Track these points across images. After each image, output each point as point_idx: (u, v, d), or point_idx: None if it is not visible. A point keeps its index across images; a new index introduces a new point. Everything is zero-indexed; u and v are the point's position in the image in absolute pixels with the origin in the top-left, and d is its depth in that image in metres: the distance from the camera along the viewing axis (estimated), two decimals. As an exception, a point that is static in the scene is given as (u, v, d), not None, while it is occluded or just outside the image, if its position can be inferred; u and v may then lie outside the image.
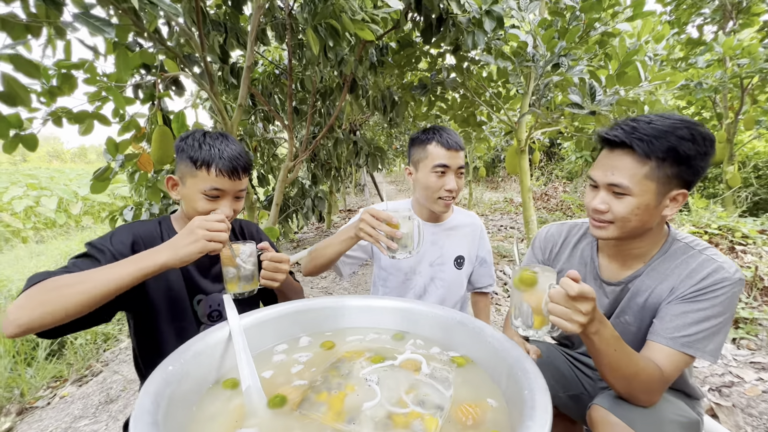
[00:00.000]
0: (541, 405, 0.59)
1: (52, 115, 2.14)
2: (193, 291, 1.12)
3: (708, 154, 0.86)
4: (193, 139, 1.05)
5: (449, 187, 1.37)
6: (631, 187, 0.87)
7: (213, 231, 0.88)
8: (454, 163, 1.37)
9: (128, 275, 0.82)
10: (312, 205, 4.22)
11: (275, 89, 3.81)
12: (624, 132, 0.87)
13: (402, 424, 0.68)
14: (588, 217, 1.00)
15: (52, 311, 0.77)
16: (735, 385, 1.78)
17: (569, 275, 0.74)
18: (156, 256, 0.85)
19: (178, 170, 1.07)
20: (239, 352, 0.79)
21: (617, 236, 0.93)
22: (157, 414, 0.56)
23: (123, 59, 2.01)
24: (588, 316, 0.74)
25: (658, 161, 0.85)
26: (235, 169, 1.05)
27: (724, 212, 3.84)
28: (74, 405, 1.99)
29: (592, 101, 2.50)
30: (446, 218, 1.55)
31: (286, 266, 1.07)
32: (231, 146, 1.06)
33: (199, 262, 1.13)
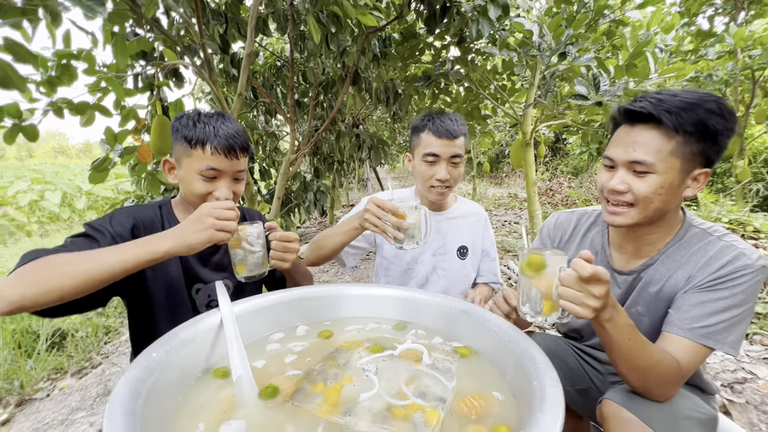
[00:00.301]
0: (552, 397, 0.55)
1: (53, 105, 2.12)
2: (192, 280, 1.08)
3: (733, 130, 0.81)
4: (187, 118, 1.01)
5: (439, 177, 1.32)
6: (655, 164, 0.81)
7: (222, 219, 0.83)
8: (445, 152, 1.31)
9: (132, 259, 0.77)
10: (314, 199, 4.18)
11: (277, 81, 3.76)
12: (651, 104, 0.81)
13: (401, 416, 0.63)
14: (601, 200, 0.94)
15: (47, 291, 0.73)
16: (748, 382, 1.72)
17: (582, 256, 0.69)
18: (162, 242, 0.80)
19: (174, 152, 1.03)
20: (230, 341, 0.75)
21: (636, 221, 0.87)
22: (134, 403, 0.52)
23: (120, 46, 1.97)
24: (601, 300, 0.68)
25: (685, 136, 0.80)
26: (232, 147, 1.00)
27: (735, 206, 3.75)
28: (72, 397, 1.97)
29: (597, 92, 2.44)
30: (449, 207, 1.51)
31: (296, 245, 1.03)
32: (227, 124, 1.02)
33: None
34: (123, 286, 0.97)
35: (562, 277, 0.71)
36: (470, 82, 3.71)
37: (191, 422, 0.62)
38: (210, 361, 0.79)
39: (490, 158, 11.85)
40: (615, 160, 0.88)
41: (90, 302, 0.89)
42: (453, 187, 1.38)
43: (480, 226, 1.54)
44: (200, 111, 1.04)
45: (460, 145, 1.34)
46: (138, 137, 2.46)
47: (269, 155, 4.07)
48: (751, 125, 5.14)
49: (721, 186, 5.21)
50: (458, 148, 1.33)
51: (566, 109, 3.81)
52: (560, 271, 0.72)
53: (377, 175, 7.63)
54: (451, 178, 1.34)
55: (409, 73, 4.07)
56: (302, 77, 3.66)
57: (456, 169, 1.35)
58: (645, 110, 0.82)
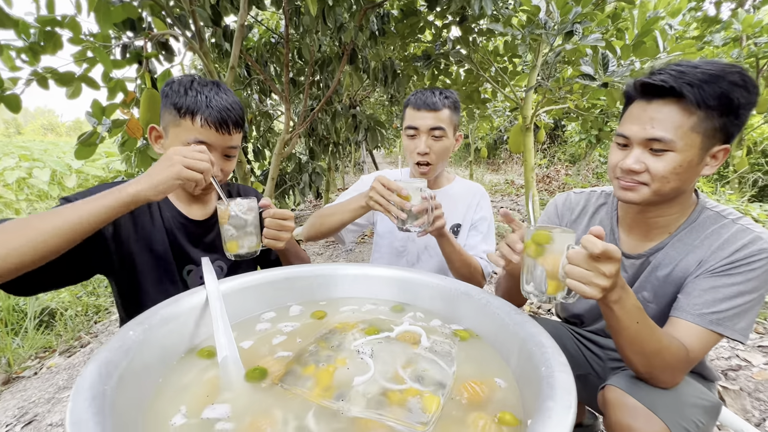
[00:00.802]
0: (562, 384, 0.50)
1: (36, 75, 2.01)
2: (183, 261, 1.03)
3: (755, 104, 0.76)
4: (179, 84, 0.93)
5: (419, 150, 1.27)
6: (675, 141, 0.76)
7: (191, 159, 0.78)
8: (423, 124, 1.26)
9: (101, 208, 0.72)
10: (309, 181, 4.10)
11: (271, 58, 3.63)
12: (672, 77, 0.76)
13: (398, 401, 0.59)
14: (612, 180, 0.89)
15: (16, 250, 0.67)
16: (742, 369, 1.72)
17: (593, 232, 0.64)
18: (129, 186, 0.75)
19: (162, 119, 0.96)
20: (216, 319, 0.70)
21: (649, 200, 0.82)
22: (104, 385, 0.47)
23: (104, 12, 1.86)
24: (611, 279, 0.64)
25: (707, 111, 0.75)
26: (224, 121, 0.93)
27: (733, 195, 3.74)
28: (59, 375, 1.93)
29: (605, 72, 2.37)
30: (444, 185, 1.45)
31: (290, 223, 0.97)
32: (222, 95, 0.95)
33: (189, 230, 1.04)
34: (106, 262, 0.92)
35: (571, 254, 0.66)
36: (471, 63, 3.61)
37: (172, 405, 0.58)
38: (194, 340, 0.74)
39: (488, 144, 11.76)
40: (630, 138, 0.82)
41: (68, 275, 0.84)
42: (435, 163, 1.31)
43: (475, 201, 1.45)
44: (194, 77, 0.96)
45: (444, 118, 1.27)
46: (127, 111, 2.36)
47: (263, 135, 3.96)
48: (752, 115, 5.10)
49: (718, 176, 5.19)
50: (440, 120, 1.26)
51: (568, 93, 3.73)
52: (568, 249, 0.67)
53: (374, 159, 7.53)
54: (432, 152, 1.28)
55: (408, 53, 3.95)
56: (297, 54, 3.54)
57: (438, 143, 1.28)
58: (666, 84, 0.76)
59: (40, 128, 23.73)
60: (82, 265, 0.88)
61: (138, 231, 0.96)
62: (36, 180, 6.43)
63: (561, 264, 0.68)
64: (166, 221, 1.00)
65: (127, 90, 2.22)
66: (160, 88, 2.12)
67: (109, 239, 0.91)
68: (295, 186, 4.12)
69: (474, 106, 4.28)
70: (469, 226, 1.46)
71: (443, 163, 1.37)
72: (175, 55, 2.52)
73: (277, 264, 1.23)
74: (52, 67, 2.03)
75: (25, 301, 2.51)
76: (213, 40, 3.05)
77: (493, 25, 2.77)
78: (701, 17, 5.03)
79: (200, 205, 1.08)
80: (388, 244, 1.47)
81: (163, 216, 1.00)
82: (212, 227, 1.09)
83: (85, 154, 2.28)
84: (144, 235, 0.96)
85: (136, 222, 0.96)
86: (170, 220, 1.01)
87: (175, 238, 1.01)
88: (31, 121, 26.35)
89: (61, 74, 2.03)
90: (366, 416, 0.57)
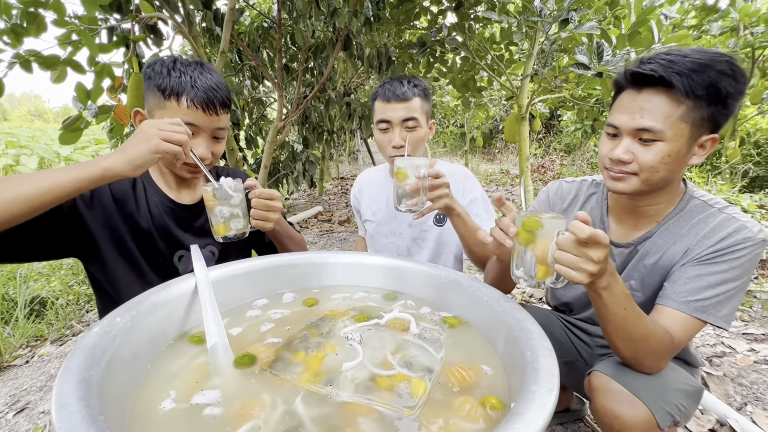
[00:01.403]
0: (546, 367, 0.51)
1: (19, 58, 1.96)
2: (174, 246, 1.02)
3: (744, 93, 0.76)
4: (161, 65, 0.90)
5: (394, 143, 1.25)
6: (664, 131, 0.76)
7: (167, 131, 0.76)
8: (396, 116, 1.23)
9: (68, 179, 0.70)
10: (303, 169, 4.07)
11: (263, 44, 3.56)
12: (661, 66, 0.75)
13: (386, 386, 0.60)
14: (602, 170, 0.89)
15: None
16: (726, 356, 1.76)
17: (579, 217, 0.64)
18: (102, 161, 0.72)
19: (147, 103, 0.93)
20: (205, 307, 0.70)
21: (638, 190, 0.83)
22: (91, 370, 0.47)
23: (89, -7, 1.81)
24: (599, 265, 0.65)
25: (695, 100, 0.75)
26: (211, 101, 0.91)
27: (724, 186, 3.78)
28: (51, 364, 1.93)
29: (599, 62, 2.35)
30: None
31: (278, 204, 0.95)
32: (207, 75, 0.92)
33: (178, 215, 1.02)
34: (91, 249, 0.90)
35: (560, 240, 0.67)
36: (467, 50, 3.57)
37: (162, 390, 0.58)
38: (184, 327, 0.74)
39: (484, 133, 11.73)
40: (620, 128, 0.82)
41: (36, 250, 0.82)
42: (411, 154, 1.27)
43: (459, 185, 1.38)
44: (177, 57, 0.93)
45: (415, 107, 1.25)
46: (114, 96, 2.31)
47: (256, 122, 3.91)
48: (746, 106, 5.12)
49: (710, 166, 5.24)
50: (412, 110, 1.24)
51: (563, 82, 3.72)
52: (558, 235, 0.68)
53: (368, 148, 7.48)
54: (408, 144, 1.26)
55: (403, 39, 3.90)
56: (291, 40, 3.47)
57: (412, 133, 1.26)
58: (655, 73, 0.76)
59: (26, 114, 23.10)
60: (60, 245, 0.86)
61: (124, 216, 0.94)
62: (24, 167, 6.32)
63: (550, 249, 0.69)
64: (153, 206, 0.98)
65: (114, 75, 2.17)
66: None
67: (91, 223, 0.89)
68: (288, 175, 4.09)
69: (470, 95, 4.25)
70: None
71: (420, 153, 1.35)
72: (164, 38, 2.45)
73: (272, 247, 1.22)
74: (35, 50, 1.98)
75: (15, 290, 2.49)
76: (203, 24, 2.98)
77: (488, 13, 2.73)
78: (699, 5, 5.01)
79: (189, 189, 1.06)
80: (377, 242, 1.47)
81: (149, 201, 0.98)
82: (201, 211, 1.07)
83: (70, 139, 2.23)
84: (130, 221, 0.95)
85: (120, 208, 0.94)
86: (158, 205, 0.99)
87: (164, 223, 1.00)
88: (18, 107, 25.66)
89: (46, 57, 1.97)
90: (354, 401, 0.57)
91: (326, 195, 6.24)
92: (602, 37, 2.44)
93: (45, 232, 0.82)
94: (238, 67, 3.58)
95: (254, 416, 0.54)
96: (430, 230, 1.41)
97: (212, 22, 2.84)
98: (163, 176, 1.03)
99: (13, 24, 1.85)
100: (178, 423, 0.52)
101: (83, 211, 0.88)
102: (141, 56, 2.23)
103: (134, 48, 2.15)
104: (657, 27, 2.33)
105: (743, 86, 0.75)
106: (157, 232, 0.99)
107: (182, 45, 4.40)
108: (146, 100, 0.94)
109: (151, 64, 0.92)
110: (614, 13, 3.32)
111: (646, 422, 0.75)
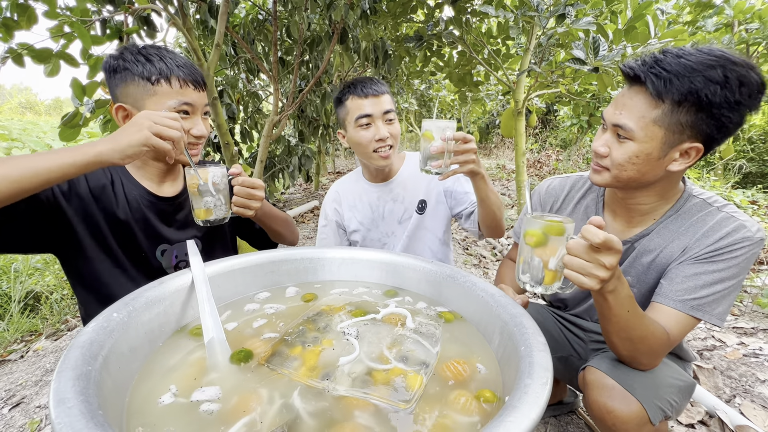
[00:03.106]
0: (540, 362, 0.52)
1: (11, 52, 1.92)
2: (156, 240, 1.00)
3: (742, 104, 0.71)
4: (132, 54, 0.88)
5: (379, 136, 1.26)
6: (635, 131, 0.76)
7: (161, 125, 0.75)
8: (377, 109, 1.25)
9: (58, 163, 0.68)
10: (299, 163, 4.05)
11: (258, 36, 3.52)
12: (643, 64, 0.75)
13: (382, 380, 0.61)
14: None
15: None
16: (717, 349, 1.79)
17: (592, 222, 0.63)
18: (94, 146, 0.71)
19: (127, 96, 0.89)
20: (202, 302, 0.70)
21: (610, 185, 0.84)
22: (88, 365, 0.47)
23: (81, -17, 1.77)
24: (611, 271, 0.64)
25: (672, 105, 0.73)
26: (196, 78, 0.92)
27: (717, 181, 3.82)
28: (46, 359, 1.92)
29: (596, 57, 2.35)
30: (397, 170, 1.43)
31: (260, 192, 0.95)
32: (179, 56, 0.92)
33: (159, 209, 1.00)
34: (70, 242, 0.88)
35: (570, 245, 0.66)
36: (464, 45, 3.56)
37: (160, 386, 0.58)
38: (181, 322, 0.74)
39: (480, 128, 11.73)
40: (605, 120, 0.83)
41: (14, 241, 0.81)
42: (396, 147, 1.30)
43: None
44: (137, 46, 0.91)
45: (388, 101, 1.28)
46: (108, 90, 2.28)
47: (251, 116, 3.88)
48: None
49: (705, 162, 5.28)
50: (387, 104, 1.27)
51: (560, 77, 3.72)
52: (567, 240, 0.67)
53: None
54: (391, 136, 1.28)
55: (400, 33, 3.87)
56: (286, 33, 3.43)
57: (392, 126, 1.29)
58: (632, 71, 0.76)
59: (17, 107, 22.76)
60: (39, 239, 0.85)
61: (102, 210, 0.92)
62: (16, 161, 6.24)
63: (558, 254, 0.68)
64: (132, 200, 0.96)
65: (108, 67, 2.14)
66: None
67: (71, 216, 0.88)
68: (284, 169, 4.07)
69: (467, 89, 4.25)
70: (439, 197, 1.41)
71: (397, 148, 1.36)
72: (157, 30, 2.42)
73: (262, 233, 1.22)
74: (27, 43, 1.94)
75: (9, 285, 2.48)
76: (197, 16, 2.94)
77: (485, 8, 2.72)
78: (695, 1, 5.01)
79: (169, 181, 1.04)
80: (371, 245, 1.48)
81: (128, 195, 0.96)
82: (183, 203, 1.05)
83: (70, 135, 2.20)
84: (109, 215, 0.93)
85: (98, 201, 0.92)
86: (138, 199, 0.97)
87: (145, 217, 0.98)
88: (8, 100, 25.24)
89: (38, 51, 1.94)
90: (351, 395, 0.58)
91: (322, 189, 6.23)
92: (599, 32, 2.44)
93: (24, 223, 0.81)
94: (233, 60, 3.55)
95: (252, 410, 0.54)
96: (412, 219, 1.42)
97: (207, 14, 2.80)
98: (143, 168, 1.00)
99: (3, 17, 1.82)
100: (176, 417, 0.52)
101: (62, 203, 0.86)
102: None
103: (128, 40, 2.12)
104: (653, 22, 2.33)
105: (741, 96, 0.70)
106: (137, 225, 0.97)
107: (176, 37, 4.34)
108: (125, 93, 0.89)
109: (117, 57, 0.89)
110: (611, 8, 3.32)
111: (638, 417, 0.76)
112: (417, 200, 1.42)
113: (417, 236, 1.44)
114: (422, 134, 1.00)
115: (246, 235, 1.25)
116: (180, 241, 1.04)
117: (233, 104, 3.55)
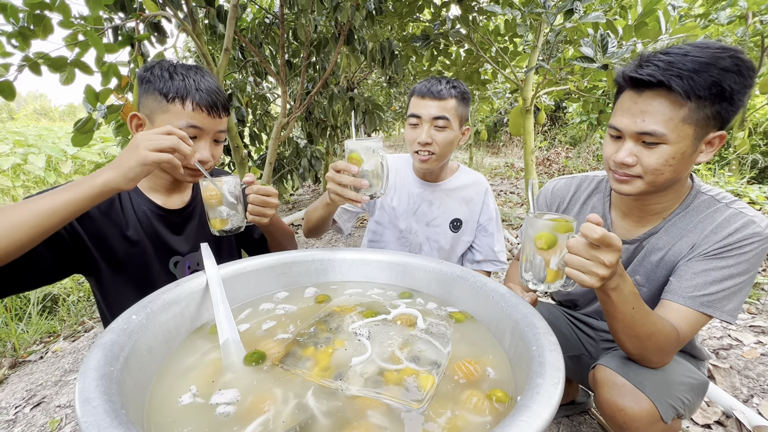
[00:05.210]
0: (552, 362, 0.52)
1: (28, 60, 1.97)
2: (167, 253, 1.01)
3: (751, 86, 0.74)
4: (161, 68, 0.90)
5: (420, 140, 1.23)
6: (667, 135, 0.75)
7: (153, 140, 0.75)
8: (426, 112, 1.22)
9: (70, 200, 0.70)
10: (308, 165, 4.08)
11: (266, 39, 3.55)
12: (659, 69, 0.73)
13: (394, 380, 0.61)
14: (607, 171, 0.89)
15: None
16: (733, 348, 1.76)
17: (590, 219, 0.64)
18: (98, 176, 0.72)
19: (144, 107, 0.92)
20: (217, 304, 0.72)
21: (644, 192, 0.82)
22: (110, 366, 0.49)
23: (93, -8, 1.82)
24: (610, 269, 0.64)
25: (698, 101, 0.73)
26: (215, 103, 0.92)
27: (732, 177, 3.74)
28: (65, 359, 1.97)
29: (604, 54, 2.33)
30: (446, 178, 1.43)
31: (274, 200, 0.96)
32: (207, 78, 0.93)
33: (169, 221, 1.02)
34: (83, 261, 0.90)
35: (571, 243, 0.66)
36: (471, 43, 3.55)
37: (179, 385, 0.60)
38: (196, 323, 0.76)
39: (488, 126, 11.66)
40: (623, 131, 0.80)
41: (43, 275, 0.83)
42: (439, 155, 1.26)
43: (479, 200, 1.43)
44: (174, 62, 0.93)
45: (449, 108, 1.22)
46: (121, 96, 2.33)
47: (260, 119, 3.92)
48: (755, 95, 5.05)
49: (719, 157, 5.17)
50: (444, 110, 1.22)
51: (569, 74, 3.68)
52: (568, 238, 0.68)
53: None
54: (435, 143, 1.24)
55: (406, 33, 3.87)
56: (293, 35, 3.46)
57: (441, 134, 1.24)
58: (653, 78, 0.74)
59: (33, 113, 23.27)
60: (64, 266, 0.86)
61: (112, 228, 0.93)
62: (31, 166, 6.39)
63: (560, 253, 0.69)
64: (141, 215, 0.97)
65: (120, 75, 2.19)
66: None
67: (85, 238, 0.89)
68: (293, 171, 4.10)
69: (474, 88, 4.23)
70: (475, 227, 1.46)
71: (447, 157, 1.32)
72: (168, 37, 2.47)
73: (263, 241, 1.23)
74: (44, 52, 2.00)
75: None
76: (206, 21, 2.98)
77: (492, 6, 2.71)
78: (707, -6, 4.91)
79: (178, 193, 1.05)
80: (390, 233, 1.47)
81: (137, 211, 0.97)
82: (192, 214, 1.06)
83: (83, 141, 2.26)
84: (119, 232, 0.94)
85: (108, 219, 0.93)
86: (147, 213, 0.98)
87: (155, 230, 0.99)
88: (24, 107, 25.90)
89: (54, 59, 1.99)
90: (364, 395, 0.59)
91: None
92: (608, 28, 2.41)
93: (49, 260, 0.82)
94: (242, 64, 3.59)
95: (267, 410, 0.55)
96: (444, 234, 1.44)
97: (215, 19, 2.84)
98: (151, 180, 1.01)
99: (20, 27, 1.87)
100: (194, 417, 0.54)
101: (77, 227, 0.88)
102: (146, 55, 2.25)
103: (139, 47, 2.16)
104: (664, 17, 2.29)
105: (750, 79, 0.73)
106: (149, 240, 0.98)
107: (186, 42, 4.40)
108: (143, 104, 0.92)
109: (148, 68, 0.91)
110: (620, 3, 3.27)
111: (649, 415, 0.76)
112: (452, 216, 1.43)
113: (447, 253, 1.46)
114: (347, 156, 0.91)
115: (246, 243, 1.26)
116: (191, 252, 1.05)
117: (242, 107, 3.59)
